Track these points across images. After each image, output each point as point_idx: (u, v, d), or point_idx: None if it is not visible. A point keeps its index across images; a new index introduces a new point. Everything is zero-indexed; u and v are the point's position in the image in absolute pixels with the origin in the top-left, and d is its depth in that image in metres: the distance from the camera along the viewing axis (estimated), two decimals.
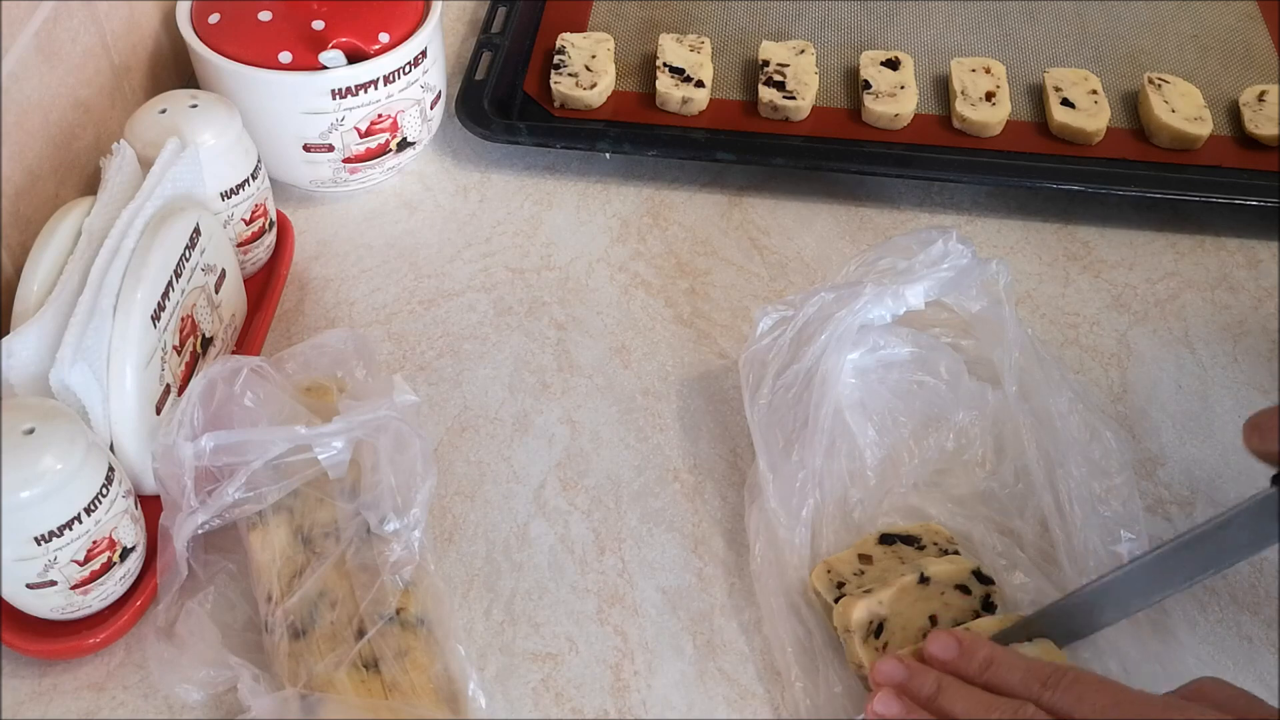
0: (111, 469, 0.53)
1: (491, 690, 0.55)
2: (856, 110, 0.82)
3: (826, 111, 0.82)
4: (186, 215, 0.60)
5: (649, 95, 0.83)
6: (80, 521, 0.51)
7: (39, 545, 0.50)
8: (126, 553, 0.55)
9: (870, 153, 0.80)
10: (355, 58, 0.71)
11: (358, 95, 0.71)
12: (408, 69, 0.72)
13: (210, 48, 0.71)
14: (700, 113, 0.82)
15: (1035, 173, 0.78)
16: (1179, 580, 0.52)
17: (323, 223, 0.78)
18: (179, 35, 0.72)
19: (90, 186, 0.67)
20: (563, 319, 0.72)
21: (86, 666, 0.56)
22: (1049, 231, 0.78)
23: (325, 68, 0.70)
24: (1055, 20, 0.91)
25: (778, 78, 0.82)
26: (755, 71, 0.84)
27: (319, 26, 0.70)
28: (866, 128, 0.81)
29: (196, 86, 0.73)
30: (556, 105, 0.82)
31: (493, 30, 0.88)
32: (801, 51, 0.84)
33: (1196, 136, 0.79)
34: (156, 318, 0.57)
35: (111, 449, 0.56)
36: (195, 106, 0.65)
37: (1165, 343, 0.72)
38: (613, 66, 0.83)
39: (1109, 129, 0.80)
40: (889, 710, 0.49)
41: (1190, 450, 0.66)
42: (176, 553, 0.55)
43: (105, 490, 0.52)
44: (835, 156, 0.79)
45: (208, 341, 0.64)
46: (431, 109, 0.77)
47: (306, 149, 0.73)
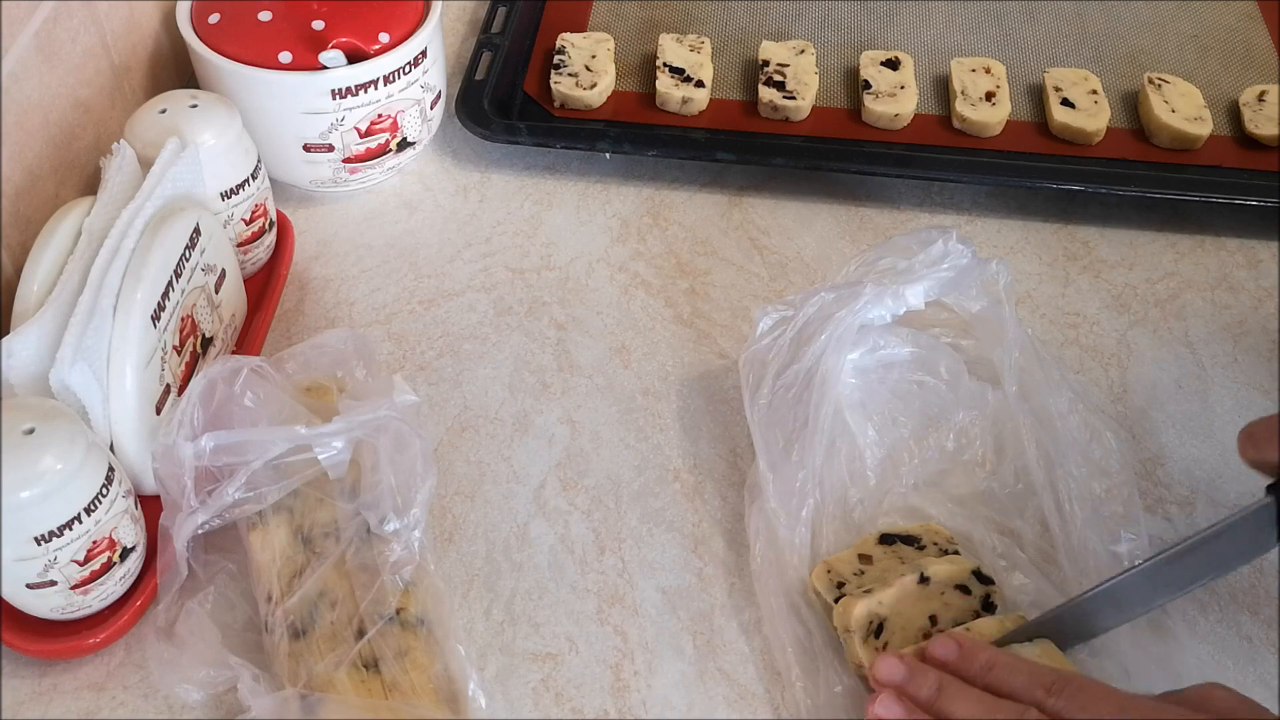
0: (111, 469, 0.53)
1: (491, 690, 0.55)
2: (856, 110, 0.82)
3: (826, 111, 0.82)
4: (186, 215, 0.60)
5: (649, 95, 0.83)
6: (80, 521, 0.51)
7: (39, 545, 0.50)
8: (126, 553, 0.55)
9: (870, 153, 0.80)
10: (355, 58, 0.71)
11: (358, 95, 0.71)
12: (408, 69, 0.72)
13: (210, 48, 0.71)
14: (700, 113, 0.82)
15: (1035, 173, 0.78)
16: (1176, 587, 0.52)
17: (323, 223, 0.78)
18: (179, 35, 0.72)
19: (90, 186, 0.67)
20: (563, 319, 0.72)
21: (86, 666, 0.56)
22: (1049, 231, 0.78)
23: (325, 68, 0.70)
24: (1055, 20, 0.91)
25: (778, 78, 0.82)
26: (755, 71, 0.84)
27: (319, 26, 0.70)
28: (866, 128, 0.81)
29: (196, 86, 0.73)
30: (556, 105, 0.82)
31: (493, 30, 0.88)
32: (801, 51, 0.84)
33: (1196, 136, 0.79)
34: (156, 318, 0.57)
35: (111, 449, 0.56)
36: (195, 106, 0.65)
37: (1165, 343, 0.72)
38: (613, 66, 0.83)
39: (1109, 129, 0.80)
40: (890, 713, 0.49)
41: (1190, 450, 0.66)
42: (176, 553, 0.55)
43: (105, 490, 0.52)
44: (835, 156, 0.79)
45: (208, 341, 0.64)
46: (431, 109, 0.77)
47: (306, 149, 0.73)
